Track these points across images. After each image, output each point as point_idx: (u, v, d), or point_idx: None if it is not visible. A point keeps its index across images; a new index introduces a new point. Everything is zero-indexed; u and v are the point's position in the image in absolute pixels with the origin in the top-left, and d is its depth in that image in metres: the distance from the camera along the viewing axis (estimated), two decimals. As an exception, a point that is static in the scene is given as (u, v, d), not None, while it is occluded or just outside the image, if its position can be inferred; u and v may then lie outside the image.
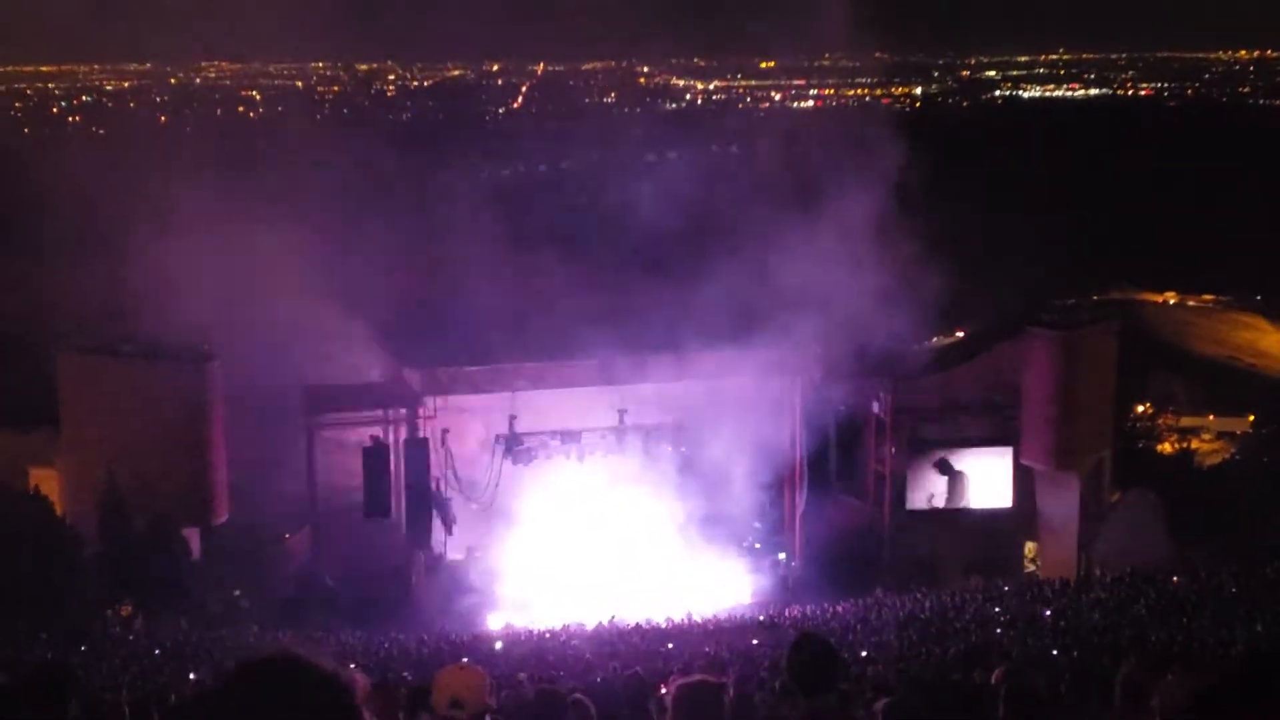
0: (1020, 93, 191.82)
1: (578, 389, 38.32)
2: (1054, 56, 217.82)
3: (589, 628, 32.22)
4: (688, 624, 33.25)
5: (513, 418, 37.81)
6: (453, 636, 30.98)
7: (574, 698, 6.49)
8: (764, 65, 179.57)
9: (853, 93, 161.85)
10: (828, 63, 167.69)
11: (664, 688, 9.42)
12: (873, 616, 30.35)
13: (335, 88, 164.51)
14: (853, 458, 40.10)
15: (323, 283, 36.36)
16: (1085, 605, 27.53)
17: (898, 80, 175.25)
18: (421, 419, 37.66)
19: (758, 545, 39.84)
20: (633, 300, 37.00)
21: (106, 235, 38.09)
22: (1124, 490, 40.66)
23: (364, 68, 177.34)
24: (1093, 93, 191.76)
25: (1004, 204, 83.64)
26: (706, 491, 38.23)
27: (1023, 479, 39.23)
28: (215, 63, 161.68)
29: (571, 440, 38.38)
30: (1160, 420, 61.54)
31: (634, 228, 40.91)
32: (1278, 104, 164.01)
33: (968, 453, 39.34)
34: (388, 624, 32.33)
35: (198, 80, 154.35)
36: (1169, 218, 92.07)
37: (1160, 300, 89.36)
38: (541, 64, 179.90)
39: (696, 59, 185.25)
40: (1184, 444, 57.38)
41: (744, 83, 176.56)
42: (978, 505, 39.31)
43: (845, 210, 37.06)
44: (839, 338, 36.96)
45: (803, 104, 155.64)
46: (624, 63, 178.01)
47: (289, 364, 35.24)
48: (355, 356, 37.68)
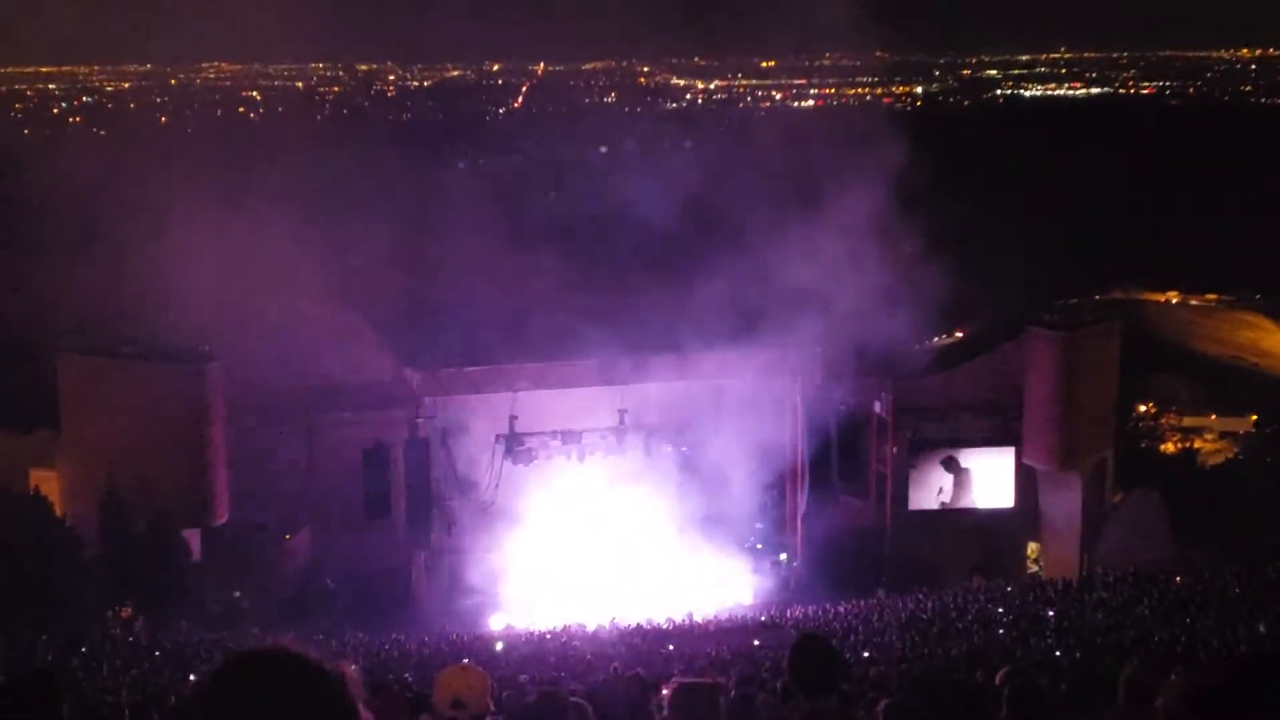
0: (1021, 92, 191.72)
1: (578, 389, 38.28)
2: (1055, 55, 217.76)
3: (590, 628, 32.19)
4: (689, 625, 33.21)
5: (513, 418, 37.78)
6: (453, 637, 30.94)
7: (572, 700, 6.44)
8: (764, 65, 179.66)
9: (853, 92, 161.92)
10: (828, 62, 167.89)
11: (664, 689, 9.37)
12: (874, 617, 30.29)
13: (335, 88, 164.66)
14: (854, 458, 40.03)
15: (323, 283, 36.34)
16: (1088, 605, 27.47)
17: (899, 79, 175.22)
18: (422, 419, 37.63)
19: (759, 546, 39.80)
20: (633, 300, 36.96)
21: (107, 236, 38.07)
22: (1126, 490, 40.59)
23: (364, 68, 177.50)
24: (1094, 91, 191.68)
25: (1005, 203, 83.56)
26: (707, 492, 38.19)
27: (1025, 479, 39.16)
28: (215, 63, 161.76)
29: (572, 440, 38.34)
30: (1163, 420, 61.56)
31: (634, 228, 40.83)
32: (1279, 103, 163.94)
33: (970, 453, 39.28)
34: (388, 624, 32.29)
35: (198, 81, 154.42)
36: (1171, 217, 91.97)
37: (1162, 300, 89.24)
38: (541, 64, 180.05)
39: (697, 59, 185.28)
40: (1186, 444, 57.35)
41: (744, 82, 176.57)
42: (981, 505, 39.25)
43: (846, 210, 36.99)
44: (840, 338, 36.91)
45: (803, 103, 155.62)
46: (624, 62, 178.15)
47: (289, 365, 35.21)
48: (356, 357, 37.63)
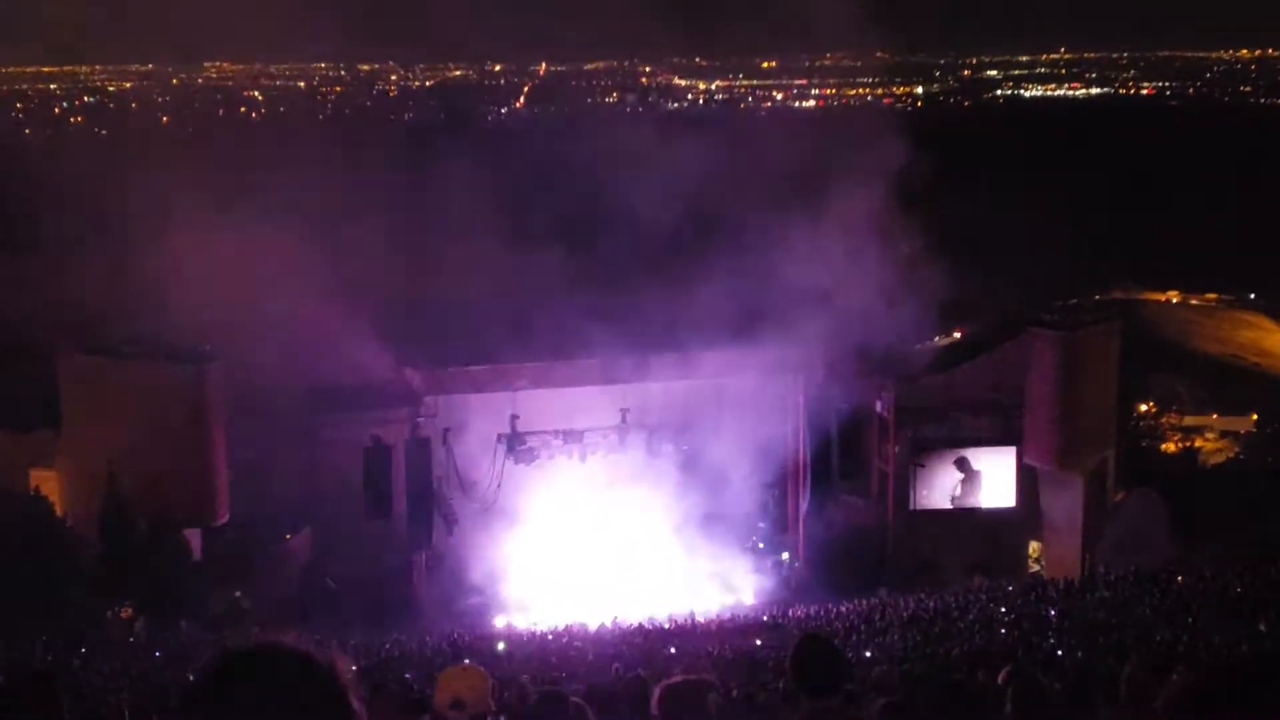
0: (1022, 92, 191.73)
1: (580, 388, 38.25)
2: (1055, 56, 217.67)
3: (591, 628, 32.17)
4: (690, 624, 33.17)
5: (514, 417, 37.72)
6: (455, 637, 30.92)
7: (573, 700, 6.42)
8: (765, 65, 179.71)
9: (854, 92, 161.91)
10: (829, 62, 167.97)
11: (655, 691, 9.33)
12: (876, 617, 30.25)
13: (337, 88, 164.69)
14: (855, 457, 40.01)
15: (324, 282, 36.30)
16: (1089, 605, 27.46)
17: (899, 80, 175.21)
18: (423, 418, 37.60)
19: (760, 545, 39.79)
20: (635, 299, 36.92)
21: (107, 236, 38.06)
22: (1127, 490, 40.57)
23: (366, 68, 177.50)
24: (1094, 92, 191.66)
25: (1006, 203, 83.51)
26: (709, 491, 38.17)
27: (1026, 479, 39.15)
28: (217, 63, 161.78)
29: (574, 439, 38.30)
30: (1163, 420, 61.49)
31: (636, 227, 40.81)
32: (1279, 103, 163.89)
33: (971, 452, 39.27)
34: (389, 625, 32.26)
35: (199, 81, 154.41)
36: (1171, 217, 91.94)
37: (1163, 299, 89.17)
38: (543, 64, 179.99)
39: (698, 59, 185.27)
40: (1187, 443, 57.35)
41: (745, 82, 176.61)
42: (982, 505, 39.23)
43: (848, 209, 36.98)
44: (841, 337, 36.88)
45: (804, 104, 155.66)
46: (626, 63, 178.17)
47: (290, 364, 35.17)
48: (356, 356, 37.60)
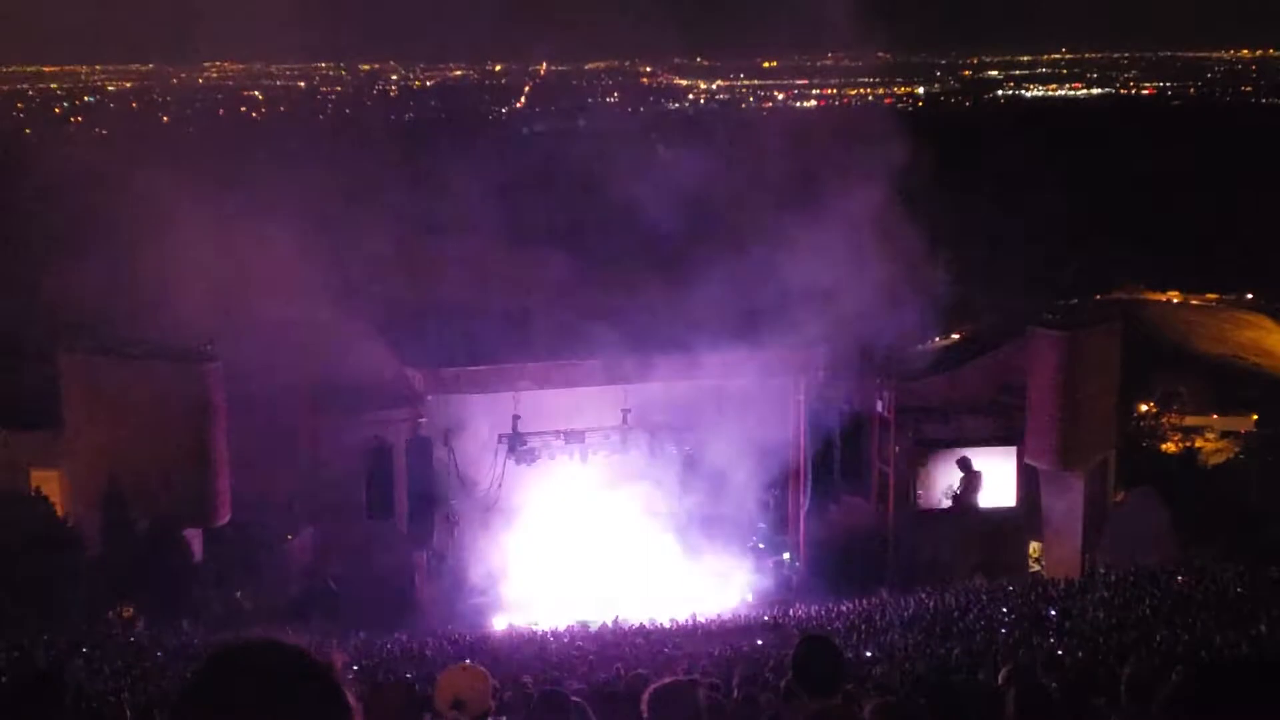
0: (1023, 92, 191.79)
1: (581, 388, 38.23)
2: (1056, 56, 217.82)
3: (592, 628, 32.17)
4: (691, 624, 33.18)
5: (516, 417, 37.70)
6: (455, 637, 30.92)
7: (574, 700, 6.44)
8: (766, 65, 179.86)
9: (855, 92, 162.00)
10: (830, 62, 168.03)
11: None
12: (877, 617, 30.25)
13: (338, 88, 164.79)
14: (857, 457, 40.01)
15: (325, 282, 36.31)
16: (1090, 605, 27.44)
17: (900, 80, 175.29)
18: (424, 418, 37.58)
19: (761, 545, 39.79)
20: (636, 299, 36.88)
21: (109, 235, 38.02)
22: (1128, 490, 40.58)
23: (366, 68, 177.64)
24: (1095, 92, 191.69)
25: (1007, 204, 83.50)
26: (710, 491, 38.18)
27: (1027, 479, 39.16)
28: (217, 62, 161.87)
29: (575, 440, 38.29)
30: (1164, 420, 61.48)
31: (638, 227, 40.80)
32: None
33: (972, 452, 39.28)
34: (390, 624, 32.28)
35: (200, 81, 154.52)
36: (1172, 217, 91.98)
37: (1164, 299, 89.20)
38: (544, 64, 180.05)
39: (699, 59, 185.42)
40: (1188, 443, 57.33)
41: (746, 82, 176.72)
42: (983, 505, 39.23)
43: (849, 210, 36.97)
44: (843, 337, 36.90)
45: (805, 103, 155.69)
46: (627, 63, 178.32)
47: (291, 364, 35.16)
48: (358, 356, 37.59)
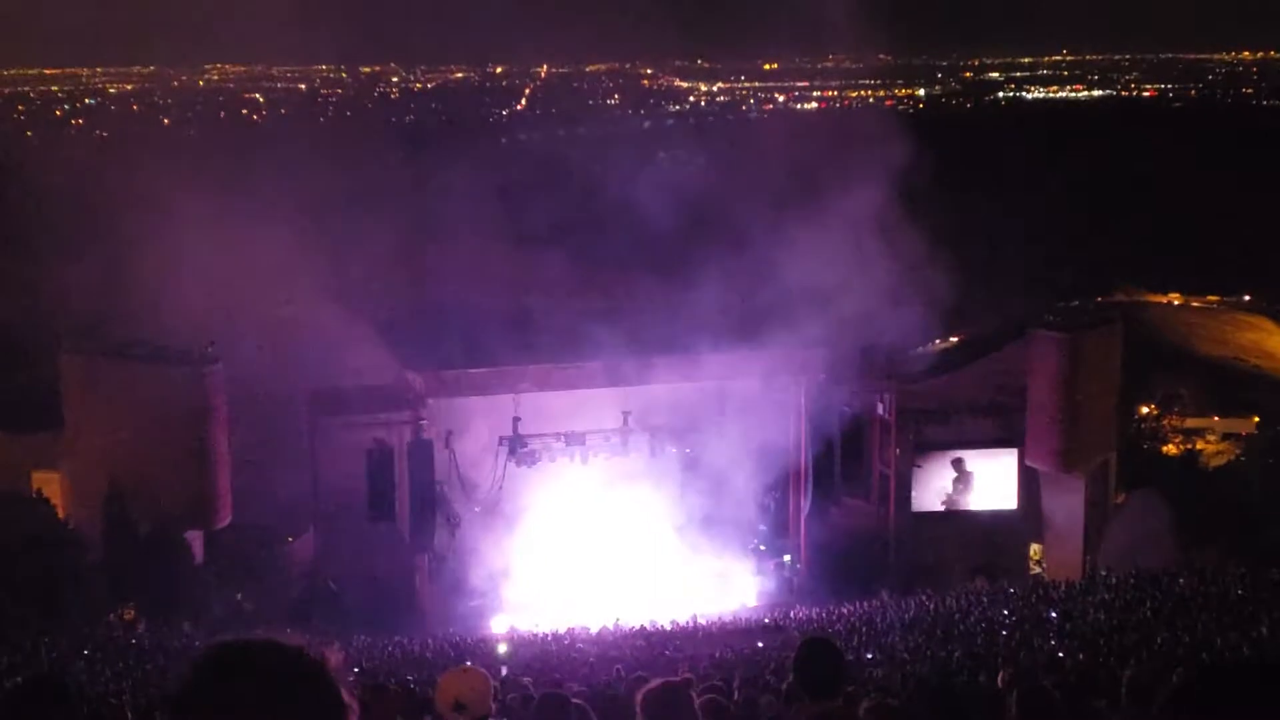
0: (1024, 94, 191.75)
1: (582, 390, 38.22)
2: (1057, 58, 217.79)
3: (593, 631, 32.16)
4: (692, 626, 33.17)
5: (517, 419, 37.69)
6: (456, 639, 30.92)
7: (575, 702, 6.43)
8: (767, 67, 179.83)
9: (856, 94, 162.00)
10: (831, 64, 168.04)
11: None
12: (878, 619, 30.25)
13: (339, 90, 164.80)
14: (857, 460, 39.99)
15: (326, 285, 36.35)
16: (1091, 607, 27.43)
17: (901, 82, 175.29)
18: (425, 421, 37.57)
19: (762, 547, 39.77)
20: (637, 302, 36.94)
21: (109, 237, 38.07)
22: (1129, 492, 40.55)
23: (367, 70, 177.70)
24: (1096, 94, 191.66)
25: (1008, 205, 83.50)
26: (710, 493, 38.16)
27: (1028, 481, 39.14)
28: (218, 65, 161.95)
29: (575, 442, 38.26)
30: (1165, 421, 61.34)
31: (639, 229, 40.82)
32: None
33: (973, 454, 39.26)
34: (391, 626, 32.27)
35: (201, 83, 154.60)
36: (1173, 219, 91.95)
37: (1164, 301, 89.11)
38: (545, 66, 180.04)
39: (700, 61, 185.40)
40: (1189, 445, 57.21)
41: (747, 85, 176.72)
42: (983, 507, 39.22)
43: (850, 212, 36.99)
44: (843, 339, 36.90)
45: (806, 105, 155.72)
46: (628, 65, 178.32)
47: (292, 367, 35.20)
48: (359, 358, 37.62)
